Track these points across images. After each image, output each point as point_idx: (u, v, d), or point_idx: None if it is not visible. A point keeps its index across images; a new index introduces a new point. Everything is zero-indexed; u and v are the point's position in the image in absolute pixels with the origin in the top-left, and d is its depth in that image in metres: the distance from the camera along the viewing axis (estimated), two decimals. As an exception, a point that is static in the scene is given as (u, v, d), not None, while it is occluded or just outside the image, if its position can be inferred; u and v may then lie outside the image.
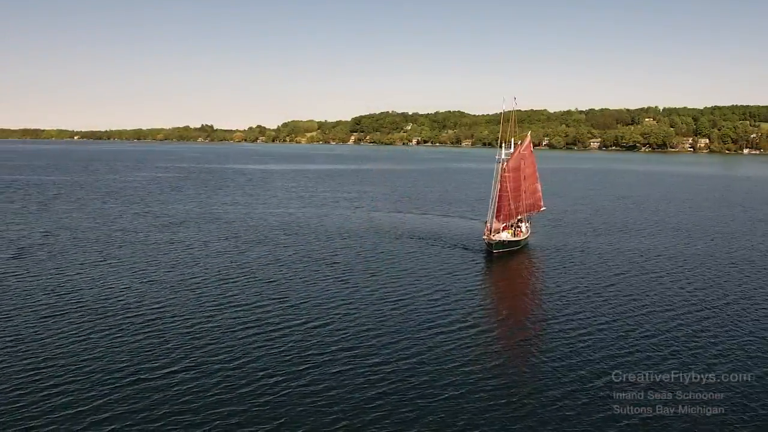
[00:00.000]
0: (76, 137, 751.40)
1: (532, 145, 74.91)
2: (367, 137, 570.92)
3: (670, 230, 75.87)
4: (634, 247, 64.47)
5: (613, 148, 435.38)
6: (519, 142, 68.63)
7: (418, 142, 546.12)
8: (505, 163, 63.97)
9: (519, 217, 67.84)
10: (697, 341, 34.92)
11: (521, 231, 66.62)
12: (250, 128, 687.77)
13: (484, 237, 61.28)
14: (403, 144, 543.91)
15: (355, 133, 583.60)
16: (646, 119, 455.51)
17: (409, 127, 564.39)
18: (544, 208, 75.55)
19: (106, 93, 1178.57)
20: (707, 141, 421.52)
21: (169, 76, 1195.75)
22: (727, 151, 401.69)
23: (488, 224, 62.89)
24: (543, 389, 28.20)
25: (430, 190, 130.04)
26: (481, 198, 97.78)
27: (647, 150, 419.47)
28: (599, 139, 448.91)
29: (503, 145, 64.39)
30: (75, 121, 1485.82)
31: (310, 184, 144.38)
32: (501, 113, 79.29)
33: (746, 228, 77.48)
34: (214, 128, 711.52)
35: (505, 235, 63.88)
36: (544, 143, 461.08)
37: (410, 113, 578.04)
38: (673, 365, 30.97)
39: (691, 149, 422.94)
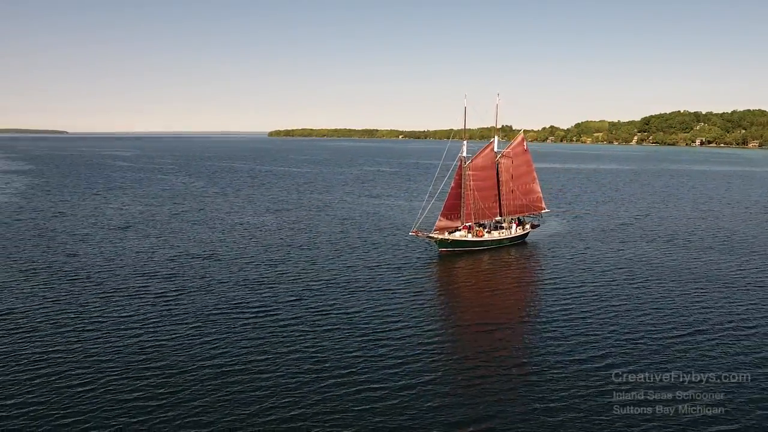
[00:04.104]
0: (400, 136, 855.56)
1: (525, 144, 71.13)
2: (650, 137, 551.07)
3: (701, 235, 72.71)
4: (644, 250, 62.60)
5: None
6: (491, 141, 66.13)
7: (702, 143, 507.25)
8: (468, 161, 61.89)
9: (499, 218, 65.66)
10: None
11: (484, 231, 63.51)
12: (543, 128, 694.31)
13: (412, 233, 58.29)
14: (686, 145, 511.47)
15: (639, 133, 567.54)
16: None
17: (698, 127, 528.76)
18: (546, 210, 71.71)
19: (426, 98, 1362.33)
20: None
21: (480, 81, 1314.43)
22: None
23: (418, 220, 60.60)
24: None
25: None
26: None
27: None
28: None
29: (465, 143, 61.85)
30: (403, 122, 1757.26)
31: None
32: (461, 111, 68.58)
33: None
34: (512, 128, 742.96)
35: (459, 235, 60.19)
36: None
37: (703, 113, 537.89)
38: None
39: None
